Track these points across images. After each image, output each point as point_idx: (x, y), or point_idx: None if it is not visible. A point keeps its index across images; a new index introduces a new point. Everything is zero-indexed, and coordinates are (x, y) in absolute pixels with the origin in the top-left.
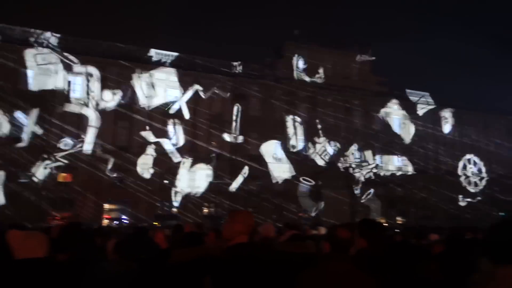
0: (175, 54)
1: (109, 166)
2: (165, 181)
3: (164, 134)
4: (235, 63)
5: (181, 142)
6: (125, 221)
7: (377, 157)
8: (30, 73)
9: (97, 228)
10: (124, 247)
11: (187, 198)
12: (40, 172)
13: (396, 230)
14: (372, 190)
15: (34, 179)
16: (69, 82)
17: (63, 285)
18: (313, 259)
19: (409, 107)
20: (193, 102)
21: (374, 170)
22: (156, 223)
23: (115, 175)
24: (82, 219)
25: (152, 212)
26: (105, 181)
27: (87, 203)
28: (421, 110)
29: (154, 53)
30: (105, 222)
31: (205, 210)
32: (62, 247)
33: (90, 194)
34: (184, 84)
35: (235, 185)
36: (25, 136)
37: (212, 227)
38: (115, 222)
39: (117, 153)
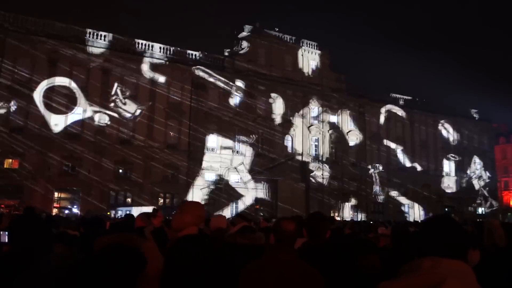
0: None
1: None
2: (120, 170)
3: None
4: (194, 53)
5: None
6: (75, 210)
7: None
8: None
9: (45, 218)
10: (68, 238)
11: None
12: None
13: (345, 223)
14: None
15: None
16: None
17: (5, 277)
18: (261, 250)
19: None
20: (152, 91)
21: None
22: (109, 213)
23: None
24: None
25: (106, 201)
26: (56, 168)
27: (35, 191)
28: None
29: (112, 38)
30: (55, 211)
31: (160, 201)
32: (16, 238)
33: (39, 182)
34: (142, 72)
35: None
36: None
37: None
38: (66, 211)
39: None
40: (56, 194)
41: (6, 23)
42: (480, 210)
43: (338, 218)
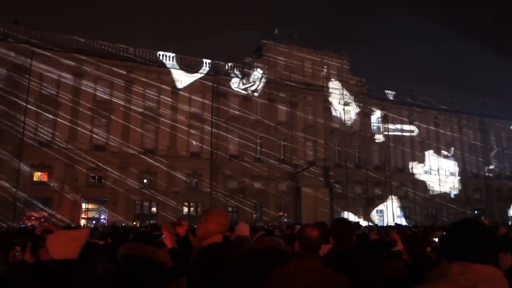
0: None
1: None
2: (144, 180)
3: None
4: (215, 61)
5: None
6: (102, 221)
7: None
8: None
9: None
10: (97, 248)
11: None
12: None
13: (373, 228)
14: None
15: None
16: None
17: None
18: (278, 251)
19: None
20: (172, 101)
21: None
22: (135, 223)
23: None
24: (59, 219)
25: (131, 211)
26: (83, 180)
27: (64, 202)
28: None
29: (133, 51)
30: (83, 221)
31: (185, 210)
32: None
33: (67, 193)
34: (163, 83)
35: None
36: None
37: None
38: (93, 221)
39: (94, 152)
40: (83, 205)
41: (33, 40)
42: (511, 212)
43: (365, 224)
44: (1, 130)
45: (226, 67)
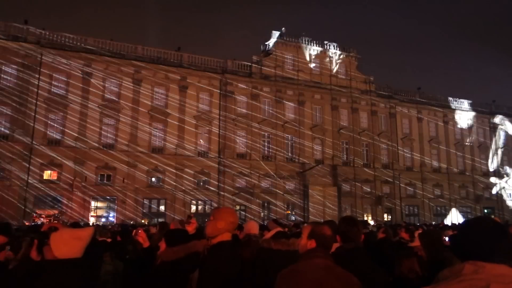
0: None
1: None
2: (153, 179)
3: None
4: (222, 60)
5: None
6: (111, 218)
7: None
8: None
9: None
10: (107, 246)
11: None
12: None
13: (380, 227)
14: None
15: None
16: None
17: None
18: (296, 256)
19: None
20: (180, 99)
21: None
22: (144, 221)
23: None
24: (68, 217)
25: (140, 210)
26: (92, 178)
27: (73, 201)
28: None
29: (141, 50)
30: (92, 219)
31: (193, 208)
32: None
33: (77, 192)
34: (171, 81)
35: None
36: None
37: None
38: (102, 219)
39: (103, 150)
40: (93, 203)
41: (42, 40)
42: None
43: (372, 222)
44: (11, 129)
45: (234, 66)
